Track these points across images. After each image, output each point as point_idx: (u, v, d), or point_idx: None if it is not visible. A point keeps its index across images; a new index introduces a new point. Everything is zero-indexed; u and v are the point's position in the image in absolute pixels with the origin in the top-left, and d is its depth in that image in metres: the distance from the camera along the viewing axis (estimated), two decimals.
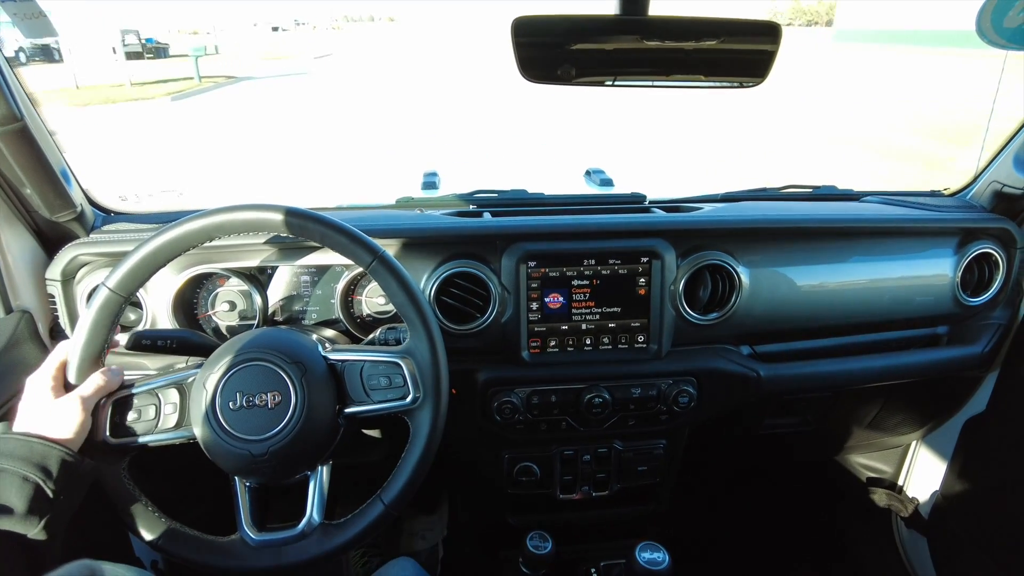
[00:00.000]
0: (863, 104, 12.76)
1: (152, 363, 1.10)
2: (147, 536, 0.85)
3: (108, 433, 0.84)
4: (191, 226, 0.85)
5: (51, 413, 0.78)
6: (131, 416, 0.85)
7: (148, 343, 0.98)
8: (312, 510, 0.87)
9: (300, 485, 0.89)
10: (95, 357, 0.85)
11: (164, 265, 0.87)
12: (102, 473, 0.84)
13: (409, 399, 0.88)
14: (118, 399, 0.85)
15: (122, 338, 1.12)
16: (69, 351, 0.84)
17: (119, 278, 0.84)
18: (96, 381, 0.82)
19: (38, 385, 0.81)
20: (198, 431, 0.84)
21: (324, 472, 0.90)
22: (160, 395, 0.86)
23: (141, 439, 0.85)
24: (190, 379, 0.87)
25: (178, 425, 0.86)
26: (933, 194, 1.50)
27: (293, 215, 0.86)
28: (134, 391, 0.86)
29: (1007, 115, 1.44)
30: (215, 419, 0.82)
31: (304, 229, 0.87)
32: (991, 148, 1.39)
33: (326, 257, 1.13)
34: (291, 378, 0.84)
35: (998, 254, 1.32)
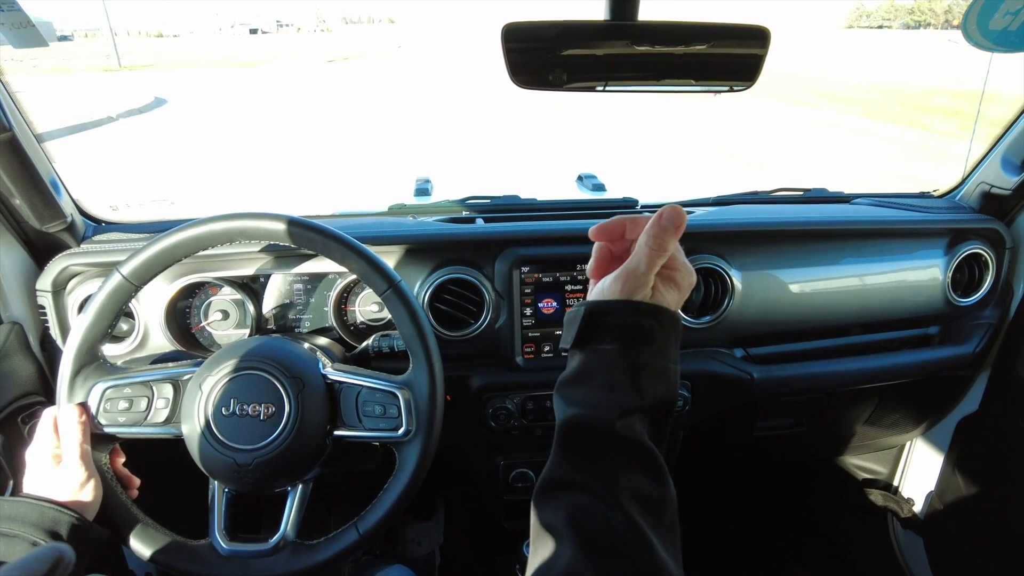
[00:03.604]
0: None
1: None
2: (118, 530, 0.84)
3: (96, 418, 0.83)
4: (214, 227, 0.85)
5: (59, 481, 0.77)
6: (122, 405, 0.84)
7: None
8: (286, 526, 0.86)
9: (280, 497, 0.88)
10: (94, 343, 0.84)
11: (179, 260, 0.87)
12: None
13: (400, 432, 0.87)
14: (111, 386, 0.84)
15: (110, 348, 1.12)
16: (67, 346, 0.84)
17: (134, 266, 0.84)
18: (76, 436, 0.80)
19: (38, 456, 0.79)
20: (186, 430, 0.84)
21: (303, 489, 0.89)
22: (155, 388, 0.86)
23: (128, 430, 0.84)
24: (186, 376, 0.86)
25: (167, 421, 0.86)
26: (923, 195, 1.52)
27: (316, 232, 0.86)
28: (129, 380, 0.85)
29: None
30: (205, 422, 0.82)
31: (326, 247, 0.87)
32: (978, 149, 1.41)
33: (319, 265, 1.13)
34: (288, 392, 0.83)
35: (987, 254, 1.33)
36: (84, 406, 0.83)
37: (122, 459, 0.89)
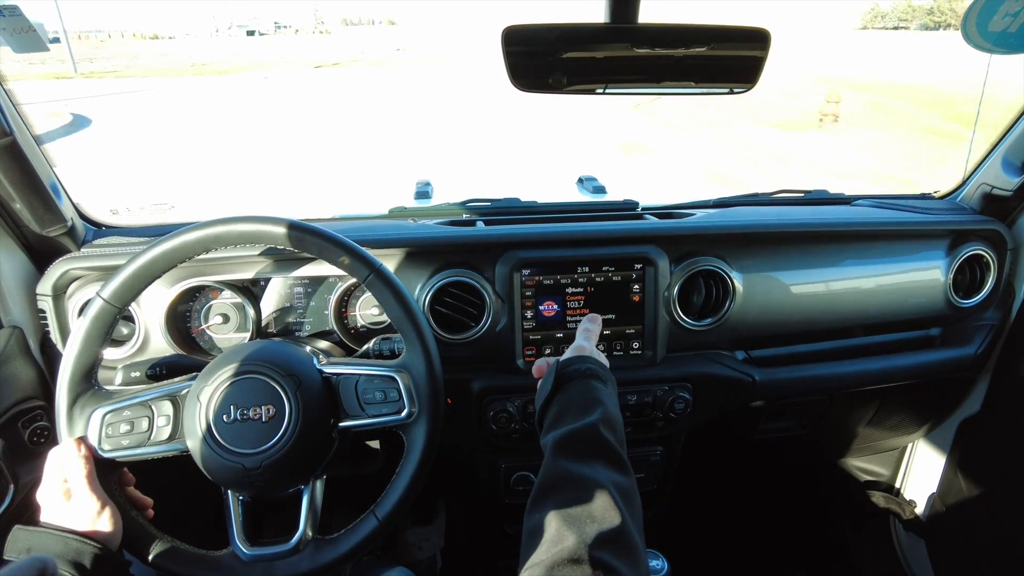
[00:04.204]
0: None
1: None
2: (138, 551, 0.84)
3: (98, 445, 0.83)
4: (188, 237, 0.85)
5: (74, 516, 0.77)
6: (123, 428, 0.83)
7: (137, 375, 0.98)
8: (305, 524, 0.86)
9: (294, 498, 0.88)
10: (87, 370, 0.84)
11: (160, 276, 0.86)
12: None
13: (404, 414, 0.87)
14: (110, 410, 0.84)
15: (110, 352, 1.12)
16: (59, 378, 0.83)
17: (114, 288, 0.84)
18: (81, 469, 0.79)
19: (49, 496, 0.78)
20: (191, 444, 0.83)
21: (318, 486, 0.89)
22: (153, 407, 0.85)
23: (133, 451, 0.84)
24: (184, 391, 0.86)
25: (171, 438, 0.85)
26: (924, 197, 1.51)
27: (290, 227, 0.86)
28: (127, 402, 0.85)
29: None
30: (209, 432, 0.81)
31: (301, 241, 0.87)
32: (979, 151, 1.41)
33: (320, 269, 1.12)
34: (285, 391, 0.83)
35: (989, 255, 1.33)
36: (83, 439, 0.82)
37: (132, 483, 0.89)
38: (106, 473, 0.83)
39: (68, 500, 0.77)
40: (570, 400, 0.78)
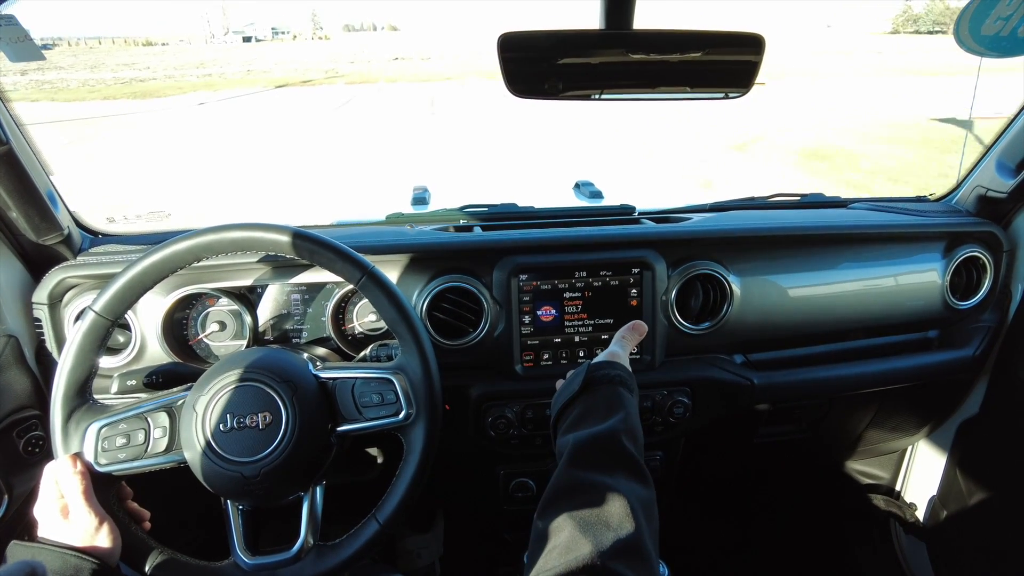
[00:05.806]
0: None
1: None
2: (138, 564, 0.83)
3: (95, 459, 0.82)
4: (178, 247, 0.84)
5: (73, 533, 0.76)
6: (120, 441, 0.83)
7: (134, 383, 0.97)
8: (306, 532, 0.86)
9: (294, 506, 0.88)
10: (80, 384, 0.83)
11: (152, 287, 0.86)
12: None
13: (402, 415, 0.87)
14: (105, 424, 0.83)
15: (106, 360, 1.11)
16: (53, 394, 0.82)
17: (105, 301, 0.83)
18: (77, 486, 0.78)
19: (46, 513, 0.78)
20: (189, 455, 0.82)
21: (318, 492, 0.89)
22: (149, 419, 0.85)
23: (130, 464, 0.83)
24: (179, 402, 0.85)
25: (168, 449, 0.84)
26: (919, 199, 1.52)
27: (282, 233, 0.86)
28: (123, 415, 0.84)
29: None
30: (206, 442, 0.81)
31: (293, 247, 0.87)
32: (973, 153, 1.41)
33: (317, 275, 1.12)
34: (281, 397, 0.83)
35: (985, 257, 1.34)
36: (78, 455, 0.82)
37: (130, 496, 0.88)
38: (103, 487, 0.82)
39: (65, 517, 0.77)
40: (596, 403, 0.78)
